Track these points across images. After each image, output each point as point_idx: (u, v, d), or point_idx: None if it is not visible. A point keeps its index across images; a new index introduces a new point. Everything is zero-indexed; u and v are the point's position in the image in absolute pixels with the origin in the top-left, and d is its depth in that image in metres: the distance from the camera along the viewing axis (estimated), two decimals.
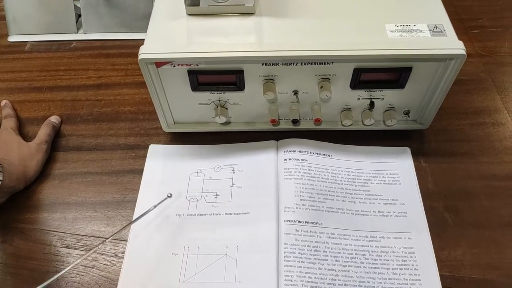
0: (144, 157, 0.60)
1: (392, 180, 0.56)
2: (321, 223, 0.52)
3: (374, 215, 0.53)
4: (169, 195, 0.54)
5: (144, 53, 0.49)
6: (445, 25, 0.51)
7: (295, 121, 0.59)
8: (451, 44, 0.49)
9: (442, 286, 0.48)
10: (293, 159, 0.57)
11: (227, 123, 0.60)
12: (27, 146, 0.58)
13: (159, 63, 0.51)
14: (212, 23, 0.53)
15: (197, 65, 0.51)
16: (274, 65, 0.51)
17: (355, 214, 0.53)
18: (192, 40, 0.52)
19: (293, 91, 0.55)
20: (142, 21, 0.74)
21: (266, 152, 0.59)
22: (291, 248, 0.50)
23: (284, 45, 0.50)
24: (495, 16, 0.77)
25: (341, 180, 0.56)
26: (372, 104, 0.56)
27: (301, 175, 0.56)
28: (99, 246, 0.51)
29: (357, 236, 0.52)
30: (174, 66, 0.51)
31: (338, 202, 0.54)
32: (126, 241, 0.52)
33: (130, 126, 0.64)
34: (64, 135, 0.63)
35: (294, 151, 0.58)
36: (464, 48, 0.49)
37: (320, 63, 0.51)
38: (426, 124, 0.59)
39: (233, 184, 0.56)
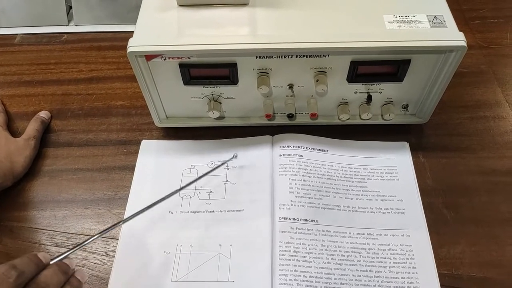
0: (136, 153, 0.58)
1: (390, 176, 0.55)
2: (316, 221, 0.51)
3: (371, 212, 0.52)
4: (235, 155, 0.55)
5: (133, 45, 0.48)
6: (445, 16, 0.50)
7: (290, 116, 0.57)
8: (451, 35, 0.48)
9: (441, 285, 0.47)
10: (289, 155, 0.56)
11: (220, 118, 0.58)
12: (15, 142, 0.57)
13: (149, 56, 0.49)
14: (204, 14, 0.51)
15: (189, 58, 0.50)
16: (268, 58, 0.50)
17: (352, 211, 0.52)
18: (183, 32, 0.50)
19: (288, 85, 0.54)
20: (135, 12, 0.71)
21: (261, 147, 0.57)
22: (286, 246, 0.49)
23: (279, 37, 0.48)
24: (497, 7, 0.75)
25: (338, 176, 0.55)
26: (369, 98, 0.55)
27: (297, 171, 0.54)
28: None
29: (353, 233, 0.50)
30: (164, 59, 0.50)
31: (335, 198, 0.53)
32: (117, 239, 0.51)
33: (122, 121, 0.62)
34: (54, 130, 0.62)
35: (290, 146, 0.57)
36: (465, 40, 0.47)
37: (315, 55, 0.49)
38: (425, 118, 0.57)
39: (227, 180, 0.55)
